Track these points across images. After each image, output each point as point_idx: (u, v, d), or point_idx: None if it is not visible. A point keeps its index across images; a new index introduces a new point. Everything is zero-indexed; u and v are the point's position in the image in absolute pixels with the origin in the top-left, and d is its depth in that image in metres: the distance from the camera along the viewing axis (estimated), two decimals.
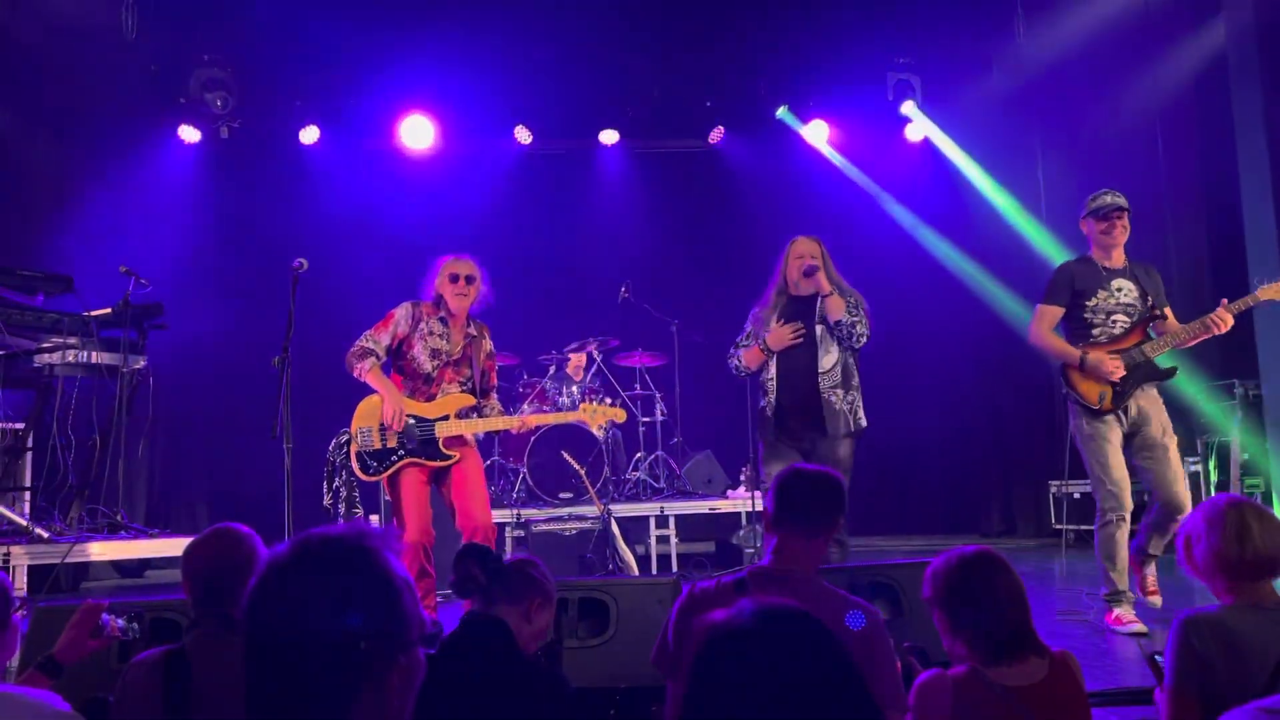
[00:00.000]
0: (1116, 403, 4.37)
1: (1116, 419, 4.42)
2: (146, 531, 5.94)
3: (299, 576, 1.22)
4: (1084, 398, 4.42)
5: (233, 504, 8.41)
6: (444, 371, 4.49)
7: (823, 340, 4.75)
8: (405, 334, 4.48)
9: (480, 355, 4.61)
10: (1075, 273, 4.55)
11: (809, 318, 4.81)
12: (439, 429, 4.37)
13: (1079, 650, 3.77)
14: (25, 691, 2.25)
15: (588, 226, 9.25)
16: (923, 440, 8.87)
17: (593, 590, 3.52)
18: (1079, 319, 4.52)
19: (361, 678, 1.20)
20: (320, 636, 1.18)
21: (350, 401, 5.01)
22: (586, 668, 3.28)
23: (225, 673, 2.22)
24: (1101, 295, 4.49)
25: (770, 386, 4.85)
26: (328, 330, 8.15)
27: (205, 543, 2.45)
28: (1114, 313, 4.48)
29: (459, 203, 8.94)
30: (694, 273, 9.18)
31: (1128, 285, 4.50)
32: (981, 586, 2.08)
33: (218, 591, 2.35)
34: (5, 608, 2.27)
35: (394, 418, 4.30)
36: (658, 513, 7.05)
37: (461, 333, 4.56)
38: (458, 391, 4.49)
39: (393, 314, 4.51)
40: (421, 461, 4.35)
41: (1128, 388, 4.38)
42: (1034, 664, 2.06)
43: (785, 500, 2.48)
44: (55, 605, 3.46)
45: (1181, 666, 2.16)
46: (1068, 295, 4.54)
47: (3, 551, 4.68)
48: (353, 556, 1.23)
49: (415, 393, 4.47)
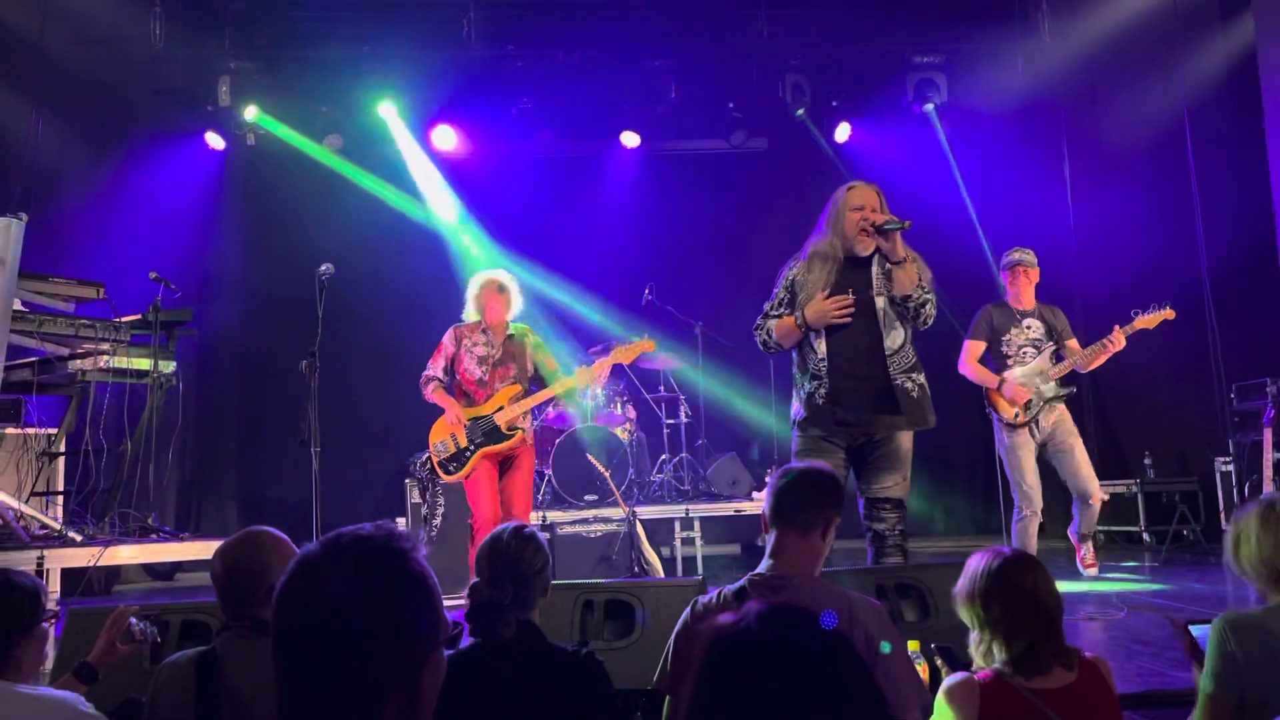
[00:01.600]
0: (1028, 416, 5.37)
1: (1030, 432, 5.41)
2: (177, 535, 6.00)
3: (330, 574, 1.22)
4: (1003, 414, 5.41)
5: (261, 507, 8.51)
6: (493, 374, 5.09)
7: (885, 314, 3.97)
8: (454, 353, 5.14)
9: (526, 351, 5.16)
10: (993, 315, 5.55)
11: (865, 286, 3.98)
12: (497, 418, 5.02)
13: (1108, 652, 3.75)
14: (51, 692, 2.30)
15: (610, 230, 9.26)
16: (950, 441, 8.81)
17: (619, 592, 3.52)
18: (998, 352, 5.51)
19: (391, 678, 1.20)
20: (351, 635, 1.18)
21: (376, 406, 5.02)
22: (612, 669, 3.26)
23: (255, 674, 2.23)
24: (1014, 332, 5.49)
25: (819, 369, 3.96)
26: (356, 334, 8.27)
27: (235, 545, 2.45)
28: (1024, 346, 5.48)
29: (483, 208, 9.00)
30: (717, 275, 9.17)
31: (1036, 323, 5.50)
32: (1015, 588, 2.05)
33: (246, 593, 2.37)
34: (36, 610, 2.31)
35: (456, 421, 4.99)
36: (682, 515, 7.04)
37: (501, 335, 5.14)
38: (513, 385, 5.09)
39: (441, 343, 5.18)
40: (490, 449, 4.99)
41: (1035, 405, 5.38)
42: (1064, 668, 2.03)
43: (779, 498, 2.45)
44: (88, 607, 3.50)
45: (1218, 667, 2.13)
46: (987, 332, 5.52)
47: (37, 555, 4.73)
48: (383, 556, 1.24)
49: (474, 399, 5.10)
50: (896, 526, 3.93)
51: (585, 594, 3.50)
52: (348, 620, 1.19)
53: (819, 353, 3.96)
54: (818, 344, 3.96)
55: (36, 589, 2.32)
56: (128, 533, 5.60)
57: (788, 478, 2.49)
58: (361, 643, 1.19)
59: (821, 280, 3.96)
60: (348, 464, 8.04)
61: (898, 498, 3.95)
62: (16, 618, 2.24)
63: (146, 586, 7.63)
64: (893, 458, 3.95)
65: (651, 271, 8.45)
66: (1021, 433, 5.41)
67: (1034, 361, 5.49)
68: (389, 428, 8.66)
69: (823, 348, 3.95)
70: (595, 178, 9.51)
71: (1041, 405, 5.41)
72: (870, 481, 3.99)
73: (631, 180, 9.48)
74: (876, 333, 3.94)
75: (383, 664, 1.19)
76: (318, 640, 1.19)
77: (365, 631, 1.19)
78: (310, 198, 8.83)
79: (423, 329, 8.65)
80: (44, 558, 4.75)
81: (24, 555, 4.72)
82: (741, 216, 9.45)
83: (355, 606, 1.19)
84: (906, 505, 3.99)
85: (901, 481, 3.96)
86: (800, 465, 2.56)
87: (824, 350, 3.95)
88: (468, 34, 8.16)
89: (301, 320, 5.61)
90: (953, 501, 8.96)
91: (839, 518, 2.48)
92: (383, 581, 1.22)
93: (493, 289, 5.06)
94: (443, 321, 5.31)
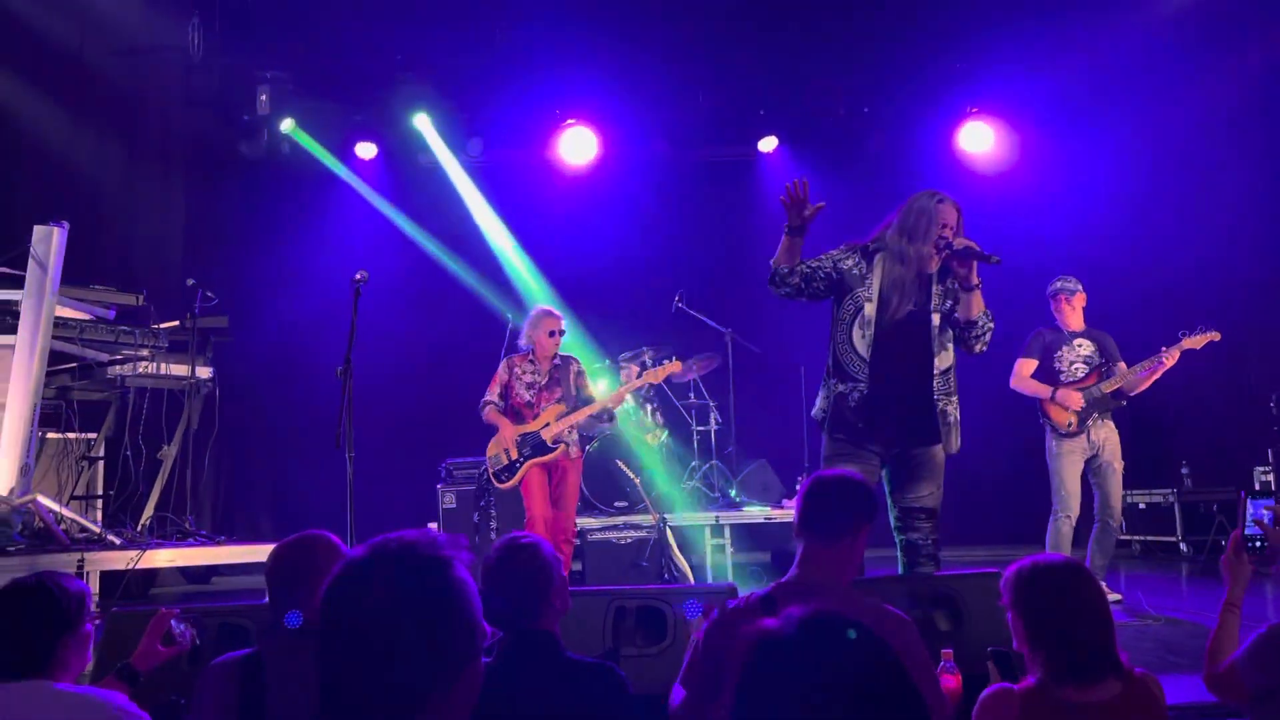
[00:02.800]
0: (1080, 426, 5.54)
1: (1082, 443, 5.56)
2: (213, 539, 6.08)
3: (375, 579, 1.23)
4: (1057, 423, 5.60)
5: (294, 512, 8.58)
6: (539, 397, 5.70)
7: (939, 333, 3.84)
8: (507, 380, 5.77)
9: (570, 376, 5.79)
10: (1045, 335, 5.79)
11: (925, 300, 3.84)
12: (543, 433, 5.61)
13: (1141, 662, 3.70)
14: (96, 692, 2.33)
15: (640, 236, 9.27)
16: (983, 449, 8.73)
17: (650, 599, 3.52)
18: (1050, 369, 5.71)
19: (430, 685, 1.21)
20: (393, 640, 1.19)
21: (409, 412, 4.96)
22: (645, 675, 3.29)
23: (298, 678, 2.26)
24: (1065, 350, 5.70)
25: (859, 372, 3.81)
26: (389, 341, 8.34)
27: (288, 548, 2.48)
28: (1075, 362, 5.67)
29: (509, 216, 9.05)
30: (748, 282, 9.15)
31: (1086, 342, 5.70)
32: (1062, 598, 2.00)
33: (292, 595, 2.39)
34: (82, 612, 2.35)
35: (507, 441, 5.62)
36: (713, 522, 7.02)
37: (549, 364, 5.77)
38: (558, 404, 5.68)
39: (497, 372, 5.81)
40: (538, 460, 5.58)
41: (1087, 415, 5.54)
42: (1111, 682, 1.97)
43: (807, 506, 2.44)
44: (129, 610, 3.55)
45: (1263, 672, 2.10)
46: (1039, 351, 5.74)
47: (78, 557, 4.81)
48: (428, 563, 1.25)
49: (524, 418, 5.69)
50: (930, 536, 3.86)
51: (618, 600, 3.50)
52: (390, 625, 1.20)
53: (862, 354, 3.80)
54: (861, 345, 3.80)
55: (82, 591, 2.36)
56: (165, 536, 5.68)
57: (814, 485, 2.48)
58: (403, 648, 1.19)
59: (877, 274, 3.81)
60: (381, 470, 8.10)
61: (931, 507, 3.88)
62: (63, 618, 2.28)
63: (182, 590, 7.71)
64: (927, 467, 3.87)
65: (681, 278, 8.45)
66: (1074, 440, 5.57)
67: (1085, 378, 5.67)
68: (422, 434, 8.72)
69: (867, 350, 3.79)
70: (626, 183, 9.50)
71: (1094, 415, 5.56)
72: (904, 491, 3.91)
73: (661, 186, 9.47)
74: (929, 350, 3.82)
75: (423, 670, 1.20)
76: (360, 643, 1.20)
77: (407, 637, 1.20)
78: (345, 206, 8.92)
79: (455, 334, 8.76)
80: (84, 560, 4.84)
81: (65, 558, 4.80)
82: (772, 223, 9.41)
83: (398, 612, 1.20)
84: (938, 515, 3.91)
85: (935, 490, 3.89)
86: (828, 473, 2.55)
87: (868, 354, 3.79)
88: (500, 43, 8.21)
89: (336, 327, 5.68)
90: (986, 510, 8.88)
91: (869, 525, 2.45)
92: (427, 588, 1.23)
93: (545, 332, 5.71)
94: (476, 326, 5.35)
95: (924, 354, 3.82)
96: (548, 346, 5.75)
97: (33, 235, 4.96)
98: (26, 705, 2.17)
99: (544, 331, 5.74)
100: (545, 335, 5.74)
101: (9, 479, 4.94)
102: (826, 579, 2.39)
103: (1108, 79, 8.48)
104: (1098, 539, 5.58)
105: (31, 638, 2.24)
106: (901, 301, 3.78)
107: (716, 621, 2.44)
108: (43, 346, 4.99)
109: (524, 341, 5.83)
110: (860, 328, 3.81)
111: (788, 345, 8.06)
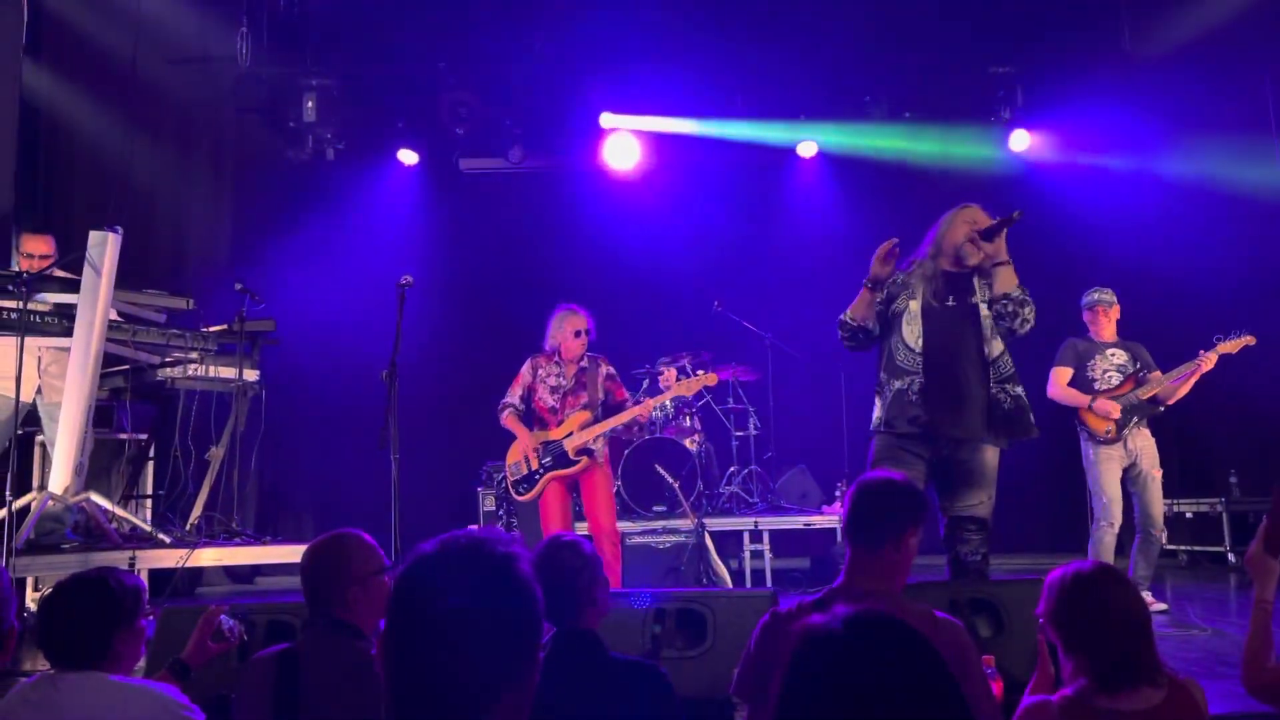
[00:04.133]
0: (1118, 433, 5.53)
1: (1119, 450, 5.54)
2: (259, 539, 6.17)
3: (445, 574, 1.24)
4: (1095, 431, 5.58)
5: (337, 513, 8.69)
6: (564, 402, 5.37)
7: (988, 323, 3.88)
8: (530, 383, 5.44)
9: (598, 380, 5.42)
10: (1077, 344, 5.79)
11: (969, 294, 3.93)
12: (566, 444, 5.27)
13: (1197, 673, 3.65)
14: (150, 684, 2.40)
15: (680, 241, 9.29)
16: (1024, 456, 8.64)
17: (691, 602, 3.54)
18: (1084, 378, 5.70)
19: (501, 680, 1.22)
20: (468, 635, 1.20)
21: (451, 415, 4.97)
22: (685, 678, 3.30)
23: (332, 673, 2.30)
24: (1099, 359, 5.70)
25: (914, 365, 3.84)
26: (431, 344, 8.44)
27: (321, 545, 2.53)
28: (1109, 371, 5.67)
29: (551, 221, 9.11)
30: (787, 286, 9.14)
31: (1119, 351, 5.71)
32: (1100, 605, 1.98)
33: (325, 592, 2.44)
34: (138, 607, 2.42)
35: (527, 450, 5.32)
36: (751, 527, 7.02)
37: (575, 366, 5.42)
38: (583, 412, 5.33)
39: (520, 373, 5.48)
40: (558, 473, 5.27)
41: (1125, 421, 5.53)
42: (1152, 690, 1.95)
43: (849, 510, 2.43)
44: (180, 606, 3.64)
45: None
46: (1073, 359, 5.73)
47: (129, 555, 4.92)
48: (497, 560, 1.26)
49: (547, 424, 5.39)
50: (980, 549, 3.81)
51: (657, 603, 3.53)
52: (464, 620, 1.20)
53: (915, 349, 3.84)
54: (914, 341, 3.85)
55: (138, 586, 2.44)
56: (212, 536, 5.78)
57: (858, 490, 2.46)
58: (477, 643, 1.20)
59: (920, 281, 3.93)
60: (422, 472, 8.17)
61: (983, 517, 3.82)
62: (118, 611, 2.35)
63: (227, 589, 7.86)
64: (978, 473, 3.82)
65: (721, 283, 8.46)
66: (1112, 448, 5.57)
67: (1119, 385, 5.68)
68: (462, 437, 8.80)
69: (919, 344, 3.84)
70: (668, 188, 9.52)
71: (1131, 422, 5.56)
72: (954, 499, 3.85)
73: (702, 190, 9.49)
74: (979, 338, 3.86)
75: (496, 665, 1.21)
76: (433, 639, 1.20)
77: (481, 632, 1.20)
78: (388, 211, 9.05)
79: (496, 338, 8.83)
80: (135, 558, 4.94)
81: (117, 555, 4.91)
82: (812, 226, 9.40)
83: (471, 608, 1.21)
84: (989, 526, 3.85)
85: (987, 500, 3.84)
86: (872, 476, 2.52)
87: (921, 346, 3.84)
88: (540, 49, 8.28)
89: (380, 330, 5.75)
90: (1027, 517, 8.78)
91: (915, 529, 2.41)
92: (497, 584, 1.24)
93: (570, 333, 5.36)
94: (516, 328, 5.41)
95: (976, 341, 3.86)
96: (574, 348, 5.38)
97: (88, 240, 5.07)
98: (83, 695, 2.24)
99: (569, 332, 5.37)
100: (570, 336, 5.36)
101: (65, 478, 5.06)
102: (876, 585, 2.38)
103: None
104: (1141, 549, 5.56)
105: (89, 629, 2.31)
106: (944, 295, 3.89)
107: (767, 625, 2.45)
108: (97, 349, 5.10)
109: (549, 343, 5.46)
110: (909, 324, 3.88)
111: (827, 351, 8.01)
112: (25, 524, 4.91)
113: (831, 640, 1.18)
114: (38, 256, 5.48)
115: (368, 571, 2.46)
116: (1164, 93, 8.19)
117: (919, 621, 2.25)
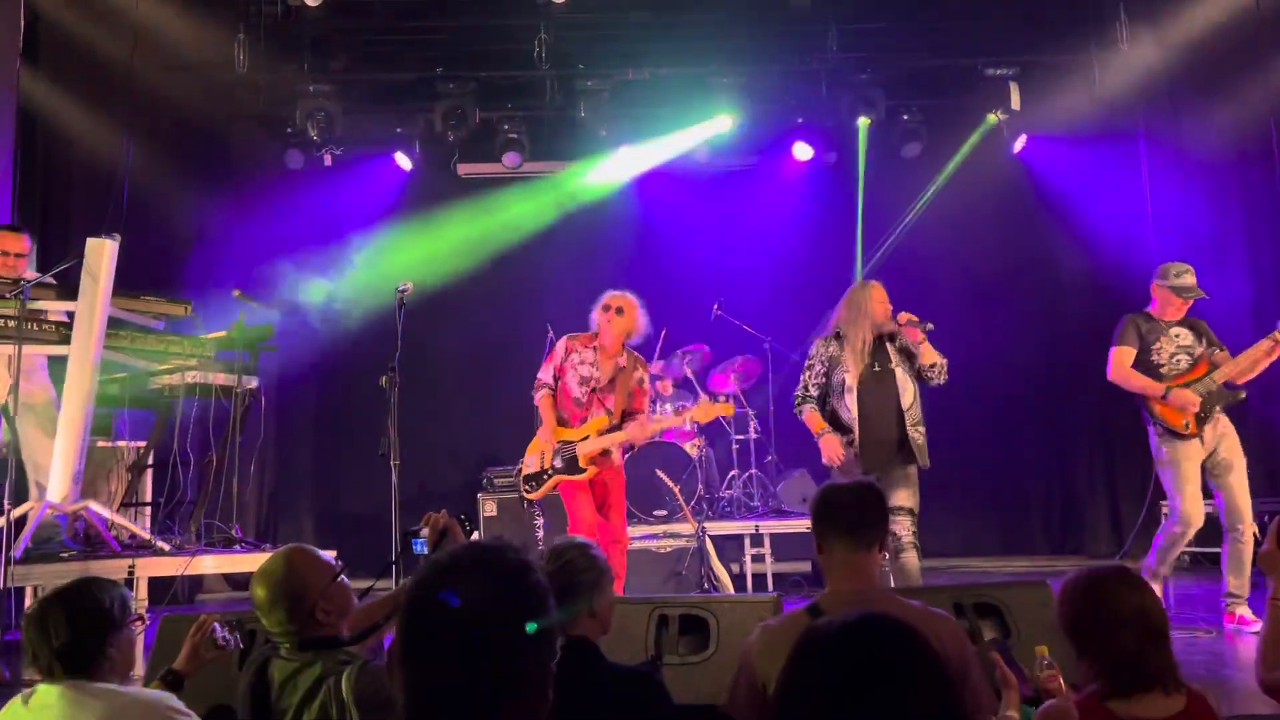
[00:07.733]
0: (1200, 425, 4.99)
1: (1197, 444, 5.01)
2: (258, 546, 6.15)
3: (460, 582, 1.23)
4: (1172, 425, 5.02)
5: (336, 520, 8.68)
6: (591, 398, 5.15)
7: (902, 378, 4.99)
8: (560, 364, 5.21)
9: (629, 384, 5.23)
10: (1139, 322, 5.24)
11: (886, 360, 5.03)
12: (579, 448, 5.09)
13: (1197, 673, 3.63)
14: (145, 691, 2.40)
15: (677, 243, 9.26)
16: (1027, 460, 8.65)
17: (694, 608, 3.52)
18: (1147, 361, 5.16)
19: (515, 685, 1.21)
20: (479, 640, 1.20)
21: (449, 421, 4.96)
22: (688, 685, 3.29)
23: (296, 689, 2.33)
24: (1164, 340, 5.17)
25: (850, 424, 4.96)
26: (431, 351, 8.41)
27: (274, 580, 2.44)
28: (1176, 353, 5.14)
29: (549, 226, 9.09)
30: (786, 290, 9.11)
31: (1184, 331, 5.18)
32: (1108, 607, 1.96)
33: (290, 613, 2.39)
34: (124, 611, 2.41)
35: (544, 446, 5.14)
36: (752, 531, 7.01)
37: (611, 363, 5.21)
38: (603, 416, 5.14)
39: (555, 349, 5.32)
40: (566, 479, 5.08)
41: (1207, 412, 4.99)
42: (1168, 697, 1.92)
43: (839, 513, 2.43)
44: (179, 614, 3.61)
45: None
46: (1135, 339, 5.20)
47: (128, 563, 4.90)
48: (511, 568, 1.26)
49: (571, 417, 5.18)
50: (910, 529, 4.82)
51: (659, 609, 3.51)
52: (477, 626, 1.20)
53: (852, 411, 4.95)
54: (852, 407, 4.95)
55: (122, 590, 2.44)
56: (212, 543, 5.76)
57: (842, 493, 2.50)
58: (492, 651, 1.20)
59: (861, 359, 4.98)
60: (421, 478, 8.17)
61: (909, 507, 4.87)
62: (107, 616, 2.35)
63: (227, 596, 7.84)
64: (904, 481, 4.91)
65: (720, 286, 8.45)
66: (1190, 443, 5.00)
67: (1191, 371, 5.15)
68: (462, 443, 8.78)
69: (855, 409, 4.94)
70: (665, 191, 9.50)
71: (1213, 412, 5.02)
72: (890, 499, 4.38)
73: (699, 194, 9.46)
74: (896, 393, 4.94)
75: (508, 671, 1.21)
76: (450, 647, 1.20)
77: (494, 638, 1.20)
78: (387, 216, 9.03)
79: (495, 344, 8.82)
80: (134, 566, 4.92)
81: (116, 564, 4.89)
82: (810, 231, 9.37)
83: (484, 614, 1.21)
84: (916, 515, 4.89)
85: (912, 495, 4.91)
86: (843, 482, 2.62)
87: (856, 411, 4.93)
88: (539, 55, 8.27)
89: (379, 336, 5.74)
90: (1028, 519, 8.77)
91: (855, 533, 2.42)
92: (511, 592, 1.24)
93: (600, 307, 5.23)
94: (517, 335, 5.38)
95: (894, 397, 4.94)
96: (606, 328, 5.19)
97: (86, 247, 5.05)
98: (73, 704, 2.23)
99: (600, 307, 5.26)
100: (601, 310, 5.24)
101: (63, 487, 5.03)
102: (866, 585, 2.40)
103: None
104: (1230, 554, 4.96)
105: (76, 639, 2.30)
106: (872, 363, 4.99)
107: (760, 636, 2.45)
108: (95, 357, 5.08)
109: (593, 320, 5.32)
110: (848, 394, 4.98)
111: None
112: (23, 533, 4.88)
113: (831, 640, 1.18)
114: (13, 255, 5.38)
115: (326, 582, 2.42)
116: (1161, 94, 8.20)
117: (913, 616, 2.26)
